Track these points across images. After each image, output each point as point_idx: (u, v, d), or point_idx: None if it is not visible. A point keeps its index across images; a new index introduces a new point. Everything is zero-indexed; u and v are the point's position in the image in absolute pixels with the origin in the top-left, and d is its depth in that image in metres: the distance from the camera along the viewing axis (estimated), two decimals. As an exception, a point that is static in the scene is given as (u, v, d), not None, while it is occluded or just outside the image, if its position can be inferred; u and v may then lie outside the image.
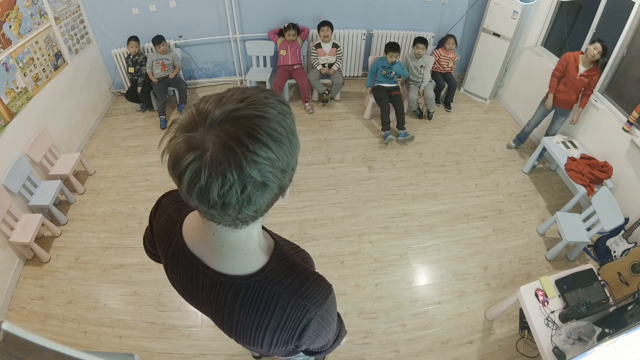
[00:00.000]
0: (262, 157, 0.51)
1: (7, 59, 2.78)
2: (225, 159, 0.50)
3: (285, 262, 0.72)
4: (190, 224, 0.75)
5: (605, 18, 3.19)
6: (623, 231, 2.58)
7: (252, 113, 0.52)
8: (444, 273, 2.67)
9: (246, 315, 0.70)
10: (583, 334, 1.67)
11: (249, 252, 0.69)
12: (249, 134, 0.51)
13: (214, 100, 0.54)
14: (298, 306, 0.68)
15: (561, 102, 3.22)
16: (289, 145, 0.55)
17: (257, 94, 0.56)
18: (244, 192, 0.52)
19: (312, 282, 0.71)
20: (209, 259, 0.71)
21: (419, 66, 3.93)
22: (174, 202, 0.85)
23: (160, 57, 3.94)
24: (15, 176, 2.70)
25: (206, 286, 0.72)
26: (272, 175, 0.54)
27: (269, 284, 0.68)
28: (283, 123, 0.55)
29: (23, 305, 2.46)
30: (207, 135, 0.51)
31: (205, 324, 2.33)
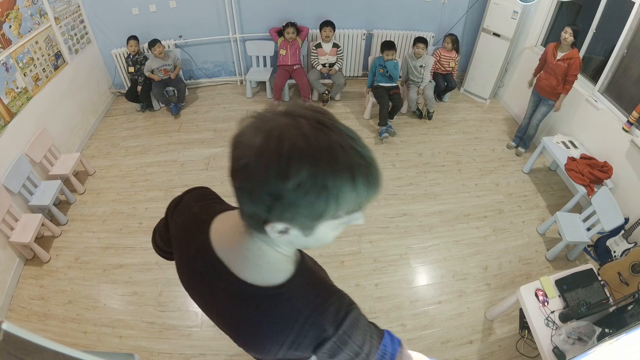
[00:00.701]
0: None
1: (7, 59, 2.78)
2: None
3: (310, 277, 0.70)
4: (221, 225, 0.73)
5: (605, 18, 3.19)
6: (623, 231, 2.58)
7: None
8: (444, 273, 2.67)
9: (264, 328, 0.67)
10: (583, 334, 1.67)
11: (273, 262, 0.67)
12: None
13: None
14: (316, 324, 0.65)
15: (543, 89, 3.32)
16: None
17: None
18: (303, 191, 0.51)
19: (334, 300, 0.68)
20: (234, 264, 0.68)
21: (418, 66, 3.93)
22: (199, 199, 0.82)
23: (162, 65, 3.93)
24: (15, 176, 2.70)
25: (226, 292, 0.70)
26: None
27: (291, 299, 0.66)
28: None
29: (23, 305, 2.46)
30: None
31: (205, 324, 2.33)
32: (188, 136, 3.89)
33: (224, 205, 0.82)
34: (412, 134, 3.98)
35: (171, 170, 3.47)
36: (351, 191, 0.52)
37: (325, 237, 0.62)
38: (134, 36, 3.87)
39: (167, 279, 2.57)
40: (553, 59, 3.15)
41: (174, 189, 3.27)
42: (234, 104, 4.40)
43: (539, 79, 3.37)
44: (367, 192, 0.54)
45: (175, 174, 3.43)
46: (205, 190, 0.86)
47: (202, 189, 0.87)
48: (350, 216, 0.58)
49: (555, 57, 3.14)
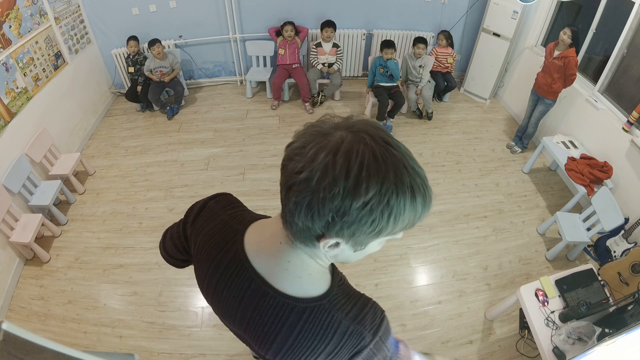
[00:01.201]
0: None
1: (7, 59, 2.78)
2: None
3: (344, 287, 0.71)
4: (256, 235, 0.71)
5: (605, 18, 3.19)
6: (623, 231, 2.58)
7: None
8: (444, 273, 2.67)
9: (304, 339, 0.67)
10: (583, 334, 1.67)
11: (314, 274, 0.67)
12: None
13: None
14: (356, 333, 0.66)
15: (540, 88, 3.34)
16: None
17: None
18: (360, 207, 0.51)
19: (369, 308, 0.69)
20: (273, 277, 0.67)
21: (417, 66, 3.94)
22: (227, 207, 0.79)
23: (159, 66, 3.92)
24: (15, 176, 2.70)
25: (264, 305, 0.68)
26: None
27: (332, 309, 0.66)
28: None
29: (23, 305, 2.46)
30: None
31: (205, 324, 2.33)
32: (188, 136, 3.89)
33: (251, 213, 0.80)
34: (412, 134, 3.98)
35: (171, 170, 3.47)
36: (410, 210, 0.53)
37: (370, 251, 0.63)
38: (134, 36, 3.87)
39: (167, 279, 2.57)
40: (550, 57, 3.18)
41: (174, 189, 3.27)
42: (234, 104, 4.40)
43: (537, 77, 3.38)
44: (422, 211, 0.56)
45: (175, 174, 3.43)
46: (229, 197, 0.84)
47: (226, 195, 0.84)
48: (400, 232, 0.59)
49: (551, 56, 3.16)
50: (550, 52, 3.19)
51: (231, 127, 4.02)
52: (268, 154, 3.64)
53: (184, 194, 3.22)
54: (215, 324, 2.33)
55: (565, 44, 3.03)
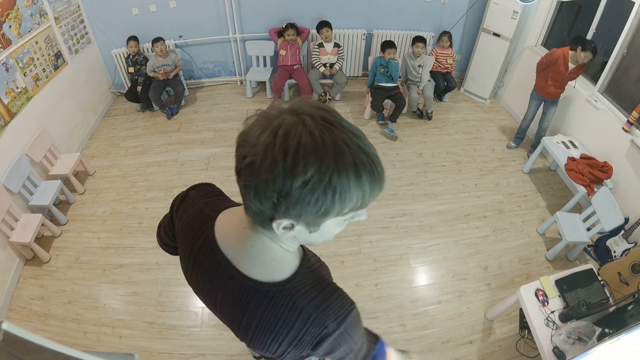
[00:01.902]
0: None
1: (7, 59, 2.78)
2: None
3: (312, 275, 0.71)
4: (225, 221, 0.73)
5: (605, 18, 3.19)
6: (623, 231, 2.58)
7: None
8: (444, 273, 2.67)
9: (266, 323, 0.68)
10: (583, 334, 1.67)
11: (278, 259, 0.68)
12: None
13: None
14: (318, 321, 0.66)
15: (550, 95, 3.31)
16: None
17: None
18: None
19: (335, 298, 0.69)
20: (238, 261, 0.69)
21: (417, 65, 3.94)
22: (205, 196, 0.83)
23: (162, 64, 3.93)
24: (15, 176, 2.70)
25: (230, 288, 0.71)
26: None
27: (294, 295, 0.67)
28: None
29: (23, 305, 2.46)
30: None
31: (205, 324, 2.33)
32: (188, 136, 3.89)
33: (228, 201, 0.83)
34: (412, 134, 3.98)
35: (171, 170, 3.47)
36: (356, 188, 0.53)
37: (330, 233, 0.63)
38: (134, 37, 3.87)
39: (167, 279, 2.57)
40: (565, 71, 3.09)
41: (174, 189, 3.27)
42: (234, 104, 4.40)
43: (543, 85, 3.30)
44: (372, 189, 0.55)
45: (175, 174, 3.43)
46: (210, 187, 0.87)
47: (207, 185, 0.87)
48: (355, 212, 0.59)
49: (567, 70, 3.09)
50: (564, 63, 3.07)
51: (231, 127, 4.02)
52: (268, 154, 3.64)
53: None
54: (215, 324, 2.33)
55: (583, 61, 2.98)
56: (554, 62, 3.12)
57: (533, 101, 3.49)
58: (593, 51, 2.88)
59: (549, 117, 3.43)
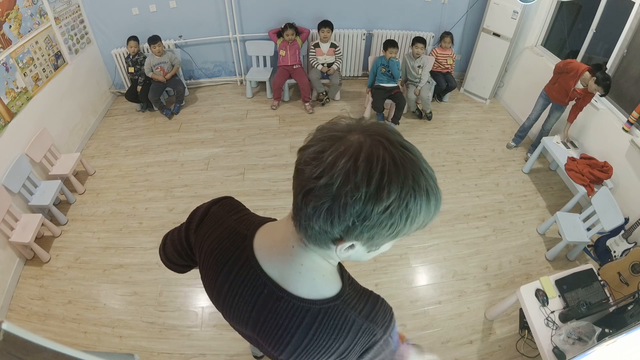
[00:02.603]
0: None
1: (7, 59, 2.78)
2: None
3: (354, 286, 0.73)
4: (266, 240, 0.70)
5: (605, 18, 3.20)
6: (623, 231, 2.58)
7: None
8: (444, 273, 2.67)
9: (319, 340, 0.67)
10: (583, 334, 1.67)
11: (327, 275, 0.68)
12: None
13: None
14: (369, 330, 0.68)
15: (554, 98, 3.28)
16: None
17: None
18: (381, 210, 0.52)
19: (380, 306, 0.72)
20: (286, 281, 0.67)
21: (416, 66, 3.94)
22: (231, 212, 0.79)
23: (159, 62, 3.92)
24: (15, 176, 2.70)
25: (278, 310, 0.68)
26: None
27: (345, 309, 0.68)
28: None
29: (23, 305, 2.46)
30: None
31: (205, 324, 2.33)
32: (188, 136, 3.89)
33: (257, 216, 0.79)
34: (412, 134, 3.98)
35: (171, 170, 3.47)
36: (426, 212, 0.56)
37: (382, 251, 0.65)
38: (134, 37, 3.87)
39: (167, 279, 2.57)
40: (573, 84, 3.01)
41: (174, 189, 3.27)
42: (234, 104, 4.40)
43: (551, 86, 3.27)
44: (435, 212, 0.58)
45: (175, 174, 3.43)
46: (232, 201, 0.83)
47: (229, 199, 0.83)
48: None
49: (575, 85, 3.01)
50: (575, 76, 2.97)
51: (231, 127, 4.02)
52: (268, 154, 3.64)
53: (184, 194, 3.22)
54: (215, 324, 2.33)
55: (590, 91, 2.90)
56: (567, 71, 3.05)
57: (540, 100, 3.45)
58: (605, 88, 2.74)
59: (552, 120, 3.40)
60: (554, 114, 3.36)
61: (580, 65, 3.00)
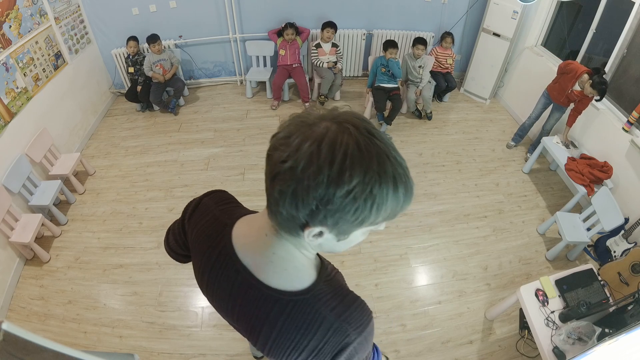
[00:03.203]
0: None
1: (7, 59, 2.78)
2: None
3: (332, 283, 0.71)
4: (244, 229, 0.72)
5: (605, 18, 3.20)
6: (623, 231, 2.58)
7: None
8: (444, 273, 2.67)
9: (287, 333, 0.67)
10: (583, 334, 1.67)
11: (299, 267, 0.68)
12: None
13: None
14: (340, 330, 0.66)
15: (556, 98, 3.27)
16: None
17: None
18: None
19: (356, 306, 0.69)
20: (259, 269, 0.68)
21: (417, 66, 3.94)
22: (219, 203, 0.81)
23: (158, 59, 3.93)
24: (15, 176, 2.70)
25: (249, 297, 0.69)
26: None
27: (316, 304, 0.67)
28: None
29: (23, 305, 2.46)
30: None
31: (205, 324, 2.34)
32: (188, 136, 3.89)
33: (243, 209, 0.82)
34: (412, 134, 3.98)
35: (171, 170, 3.47)
36: (393, 200, 0.54)
37: (354, 241, 0.64)
38: (134, 37, 3.87)
39: (167, 279, 2.57)
40: (570, 85, 3.03)
41: (174, 189, 3.27)
42: (234, 104, 4.40)
43: (552, 85, 3.27)
44: (404, 201, 0.57)
45: (175, 174, 3.43)
46: (224, 194, 0.86)
47: (221, 192, 0.86)
48: (382, 223, 0.60)
49: (572, 86, 3.02)
50: (574, 77, 2.98)
51: (231, 127, 4.02)
52: (268, 154, 3.64)
53: (184, 194, 3.22)
54: (215, 324, 2.33)
55: (586, 94, 2.89)
56: (567, 72, 3.06)
57: (542, 99, 3.44)
58: (600, 92, 2.74)
59: (552, 121, 3.39)
60: (554, 114, 3.36)
61: (580, 67, 2.99)
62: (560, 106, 3.28)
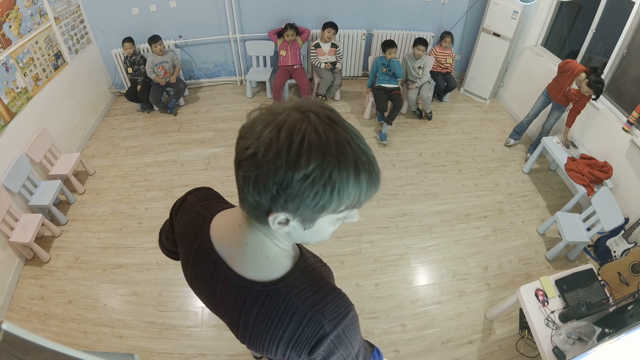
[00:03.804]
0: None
1: (7, 59, 2.77)
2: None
3: (308, 274, 0.71)
4: (221, 222, 0.75)
5: (605, 18, 3.20)
6: (623, 231, 2.58)
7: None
8: (444, 273, 2.67)
9: (262, 323, 0.68)
10: (583, 334, 1.67)
11: (272, 257, 0.68)
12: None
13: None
14: (313, 321, 0.65)
15: (555, 97, 3.28)
16: None
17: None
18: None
19: (332, 298, 0.68)
20: (233, 260, 0.70)
21: (417, 67, 3.94)
22: (202, 199, 0.84)
23: (160, 61, 3.92)
24: (15, 176, 2.70)
25: (226, 289, 0.71)
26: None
27: (288, 294, 0.67)
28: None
29: (23, 305, 2.46)
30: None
31: (205, 324, 2.34)
32: (188, 136, 3.89)
33: (225, 204, 0.83)
34: (412, 134, 3.98)
35: (171, 170, 3.47)
36: (355, 186, 0.54)
37: (324, 231, 0.64)
38: (129, 38, 3.85)
39: (167, 279, 2.57)
40: (568, 83, 3.05)
41: (174, 189, 3.27)
42: (234, 104, 4.40)
43: (552, 84, 3.28)
44: (368, 189, 0.57)
45: (175, 174, 3.43)
46: (208, 191, 0.88)
47: (205, 189, 0.89)
48: (349, 212, 0.60)
49: (570, 85, 3.04)
50: (572, 76, 3.01)
51: (231, 127, 4.02)
52: (268, 154, 3.64)
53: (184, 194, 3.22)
54: (215, 324, 2.33)
55: (582, 92, 2.91)
56: (564, 71, 3.08)
57: (542, 97, 3.45)
58: (596, 91, 2.78)
59: (552, 121, 3.39)
60: (554, 113, 3.36)
61: (578, 65, 3.00)
62: (559, 105, 3.28)
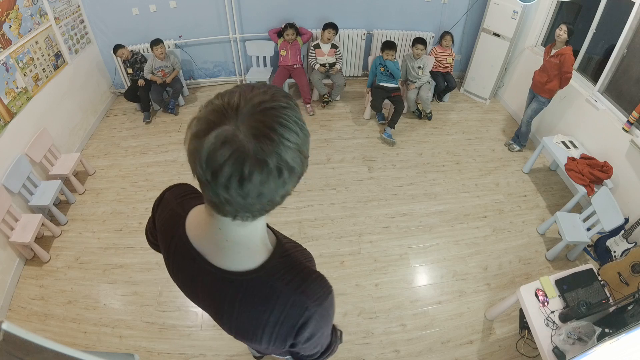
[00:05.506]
0: (293, 142, 0.55)
1: (7, 59, 2.78)
2: (264, 147, 0.52)
3: (287, 259, 0.72)
4: (195, 219, 0.75)
5: (605, 18, 3.19)
6: (623, 231, 2.58)
7: (278, 104, 0.56)
8: (444, 273, 2.67)
9: (246, 311, 0.70)
10: (583, 334, 1.67)
11: (252, 247, 0.69)
12: (280, 122, 0.55)
13: (237, 94, 0.56)
14: (298, 302, 0.68)
15: (535, 85, 3.38)
16: (306, 131, 0.60)
17: (272, 87, 0.60)
18: (280, 177, 0.55)
19: (313, 280, 0.71)
20: (212, 256, 0.70)
21: (417, 67, 3.94)
22: (178, 196, 0.85)
23: (161, 65, 3.92)
24: (15, 176, 2.70)
25: (208, 283, 0.72)
26: (300, 160, 0.57)
27: (269, 279, 0.68)
28: (298, 112, 0.60)
29: (23, 305, 2.46)
30: (241, 127, 0.52)
31: (205, 324, 2.33)
32: (188, 136, 3.88)
33: (201, 199, 0.83)
34: (412, 134, 3.98)
35: (171, 170, 3.47)
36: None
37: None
38: (119, 45, 3.84)
39: (167, 279, 2.55)
40: (546, 56, 3.21)
41: (174, 189, 3.27)
42: (234, 104, 4.39)
43: (533, 76, 3.41)
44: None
45: (175, 174, 3.43)
46: (185, 187, 0.88)
47: (182, 185, 0.89)
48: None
49: (548, 55, 3.19)
50: (547, 51, 3.21)
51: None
52: (268, 154, 3.64)
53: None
54: (215, 324, 2.32)
55: (562, 40, 3.03)
56: (546, 54, 3.24)
57: (528, 95, 3.58)
58: (565, 23, 2.98)
59: (529, 112, 3.49)
60: (531, 104, 3.46)
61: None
62: (539, 96, 3.35)
